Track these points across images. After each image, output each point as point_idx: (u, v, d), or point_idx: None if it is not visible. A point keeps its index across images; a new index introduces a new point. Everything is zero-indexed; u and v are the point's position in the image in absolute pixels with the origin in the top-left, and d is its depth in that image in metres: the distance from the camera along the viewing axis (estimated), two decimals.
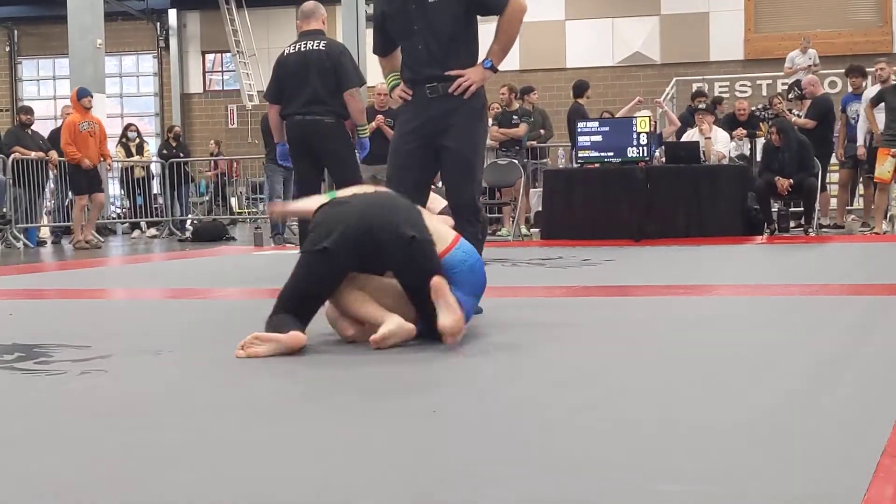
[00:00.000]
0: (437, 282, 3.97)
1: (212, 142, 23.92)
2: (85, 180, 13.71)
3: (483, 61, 4.93)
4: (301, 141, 7.64)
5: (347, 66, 7.72)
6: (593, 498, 2.03)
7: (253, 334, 3.91)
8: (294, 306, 4.06)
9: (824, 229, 12.59)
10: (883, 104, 12.09)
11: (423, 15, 4.85)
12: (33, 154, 14.33)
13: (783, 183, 11.58)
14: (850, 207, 14.32)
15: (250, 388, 3.37)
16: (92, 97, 13.95)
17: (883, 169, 11.81)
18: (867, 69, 13.86)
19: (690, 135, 13.52)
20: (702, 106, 14.02)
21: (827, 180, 13.94)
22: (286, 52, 7.81)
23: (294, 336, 3.89)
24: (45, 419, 2.94)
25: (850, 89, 14.20)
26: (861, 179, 13.68)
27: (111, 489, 2.17)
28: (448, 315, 3.96)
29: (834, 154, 13.72)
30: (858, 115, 13.01)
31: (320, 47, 7.65)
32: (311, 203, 4.42)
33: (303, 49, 7.67)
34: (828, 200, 13.82)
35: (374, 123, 13.17)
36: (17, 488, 2.20)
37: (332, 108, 7.63)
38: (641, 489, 2.07)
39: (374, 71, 21.37)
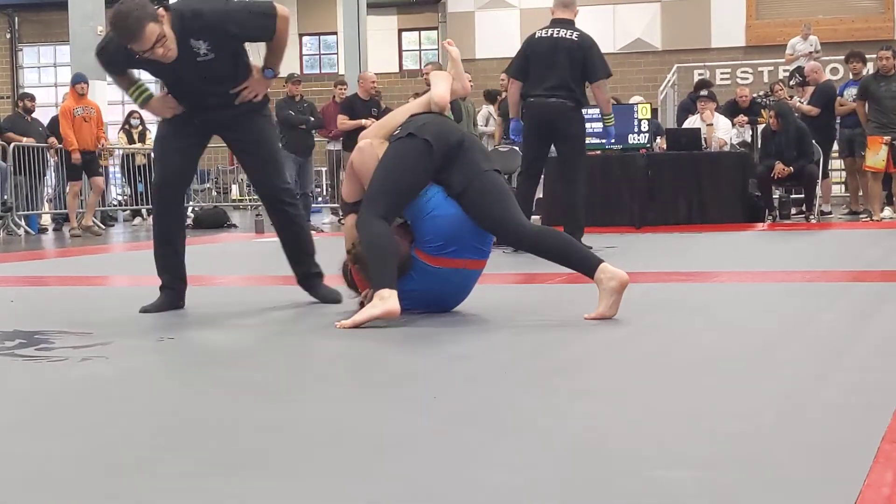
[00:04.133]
0: (627, 280, 4.21)
1: None
2: (80, 165, 13.69)
3: (265, 71, 4.87)
4: (541, 121, 8.03)
5: (597, 59, 8.18)
6: (595, 484, 2.04)
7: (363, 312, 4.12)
8: (388, 202, 4.29)
9: (838, 216, 12.58)
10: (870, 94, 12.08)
11: (198, 75, 4.72)
12: (24, 140, 14.28)
13: (780, 168, 11.56)
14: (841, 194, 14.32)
15: (252, 372, 3.37)
16: (87, 84, 13.90)
17: (877, 158, 11.79)
18: (869, 56, 13.80)
19: (692, 122, 13.50)
20: (704, 93, 14.01)
21: (829, 167, 13.90)
22: (538, 34, 8.26)
23: (389, 312, 4.08)
24: (45, 406, 2.95)
25: (850, 76, 14.16)
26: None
27: (111, 476, 2.17)
28: (611, 309, 4.18)
29: (836, 141, 13.68)
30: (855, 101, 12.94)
31: (573, 37, 8.11)
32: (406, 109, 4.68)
33: (555, 35, 8.11)
34: (829, 187, 13.79)
35: (363, 121, 13.13)
36: (18, 475, 2.20)
37: (575, 95, 8.07)
38: (643, 475, 2.07)
39: (373, 59, 21.27)
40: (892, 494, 1.92)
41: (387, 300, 4.09)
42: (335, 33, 27.61)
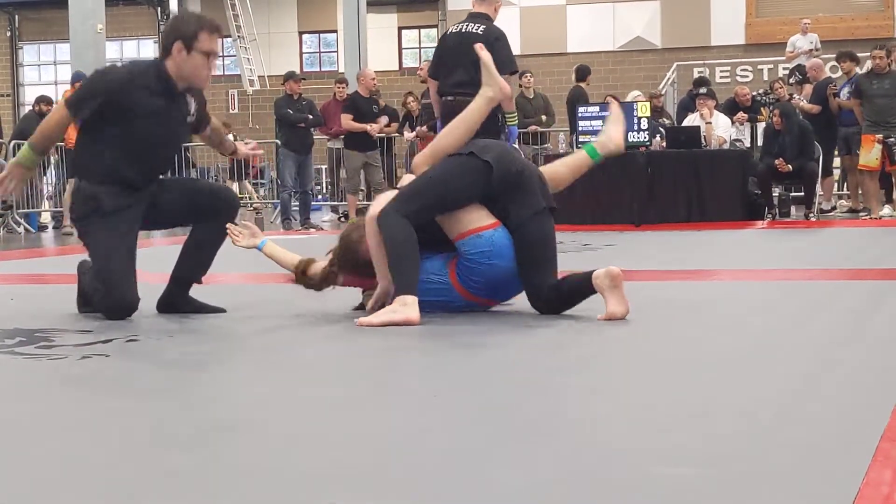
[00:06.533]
0: (616, 272, 4.12)
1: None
2: None
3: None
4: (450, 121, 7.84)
5: (501, 52, 7.78)
6: (595, 481, 2.04)
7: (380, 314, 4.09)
8: (420, 207, 4.23)
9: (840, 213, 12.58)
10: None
11: (174, 134, 4.77)
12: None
13: (780, 162, 11.57)
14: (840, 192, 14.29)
15: (251, 371, 3.37)
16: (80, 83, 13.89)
17: (870, 157, 11.81)
18: (861, 54, 13.79)
19: (691, 119, 13.50)
20: (703, 91, 14.00)
21: (834, 165, 13.88)
22: (450, 30, 8.11)
23: (410, 320, 4.05)
24: (45, 403, 2.95)
25: (841, 74, 14.14)
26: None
27: (111, 473, 2.18)
28: (619, 305, 4.10)
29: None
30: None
31: (479, 31, 7.83)
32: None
33: (463, 31, 7.92)
34: (832, 185, 13.76)
35: (368, 127, 13.18)
36: (18, 472, 2.20)
37: None
38: (643, 473, 2.07)
39: (373, 57, 21.24)
40: (891, 493, 1.92)
41: (408, 307, 4.07)
42: (335, 31, 27.61)
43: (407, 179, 4.72)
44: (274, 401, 2.89)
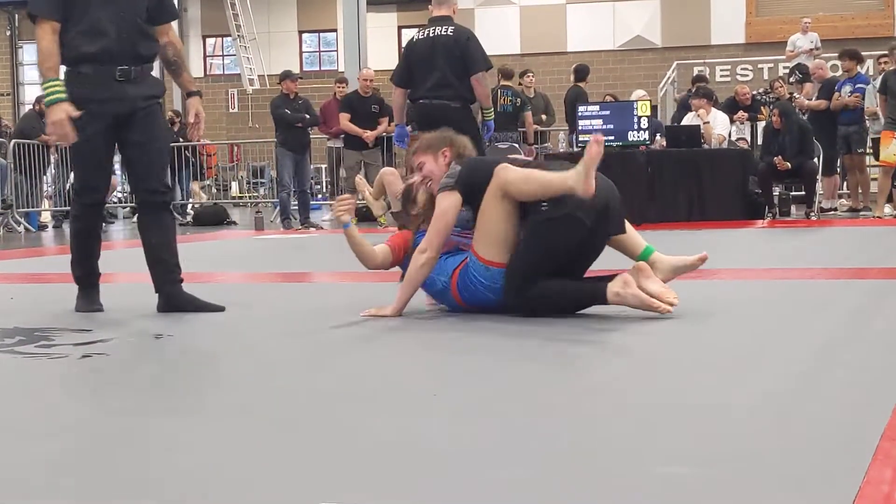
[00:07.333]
0: (643, 265, 4.41)
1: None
2: None
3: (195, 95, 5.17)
4: (429, 124, 7.82)
5: (474, 51, 7.96)
6: (595, 481, 2.04)
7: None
8: (549, 272, 4.31)
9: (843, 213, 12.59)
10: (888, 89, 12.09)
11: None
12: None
13: (779, 159, 11.56)
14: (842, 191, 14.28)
15: (250, 370, 3.37)
16: None
17: (888, 152, 11.78)
18: (867, 53, 13.76)
19: (690, 118, 13.50)
20: (693, 91, 13.97)
21: (837, 164, 13.86)
22: (415, 37, 8.14)
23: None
24: (45, 403, 2.95)
25: (842, 72, 14.14)
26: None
27: (110, 473, 2.18)
28: (658, 285, 4.36)
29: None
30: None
31: (448, 33, 7.92)
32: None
33: (431, 35, 7.96)
34: (835, 184, 13.74)
35: (366, 134, 13.25)
36: (18, 472, 2.20)
37: (459, 93, 7.86)
38: (643, 472, 2.07)
39: (372, 56, 21.28)
40: (891, 491, 1.92)
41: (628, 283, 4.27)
42: (335, 30, 27.62)
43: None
44: (273, 400, 2.89)
